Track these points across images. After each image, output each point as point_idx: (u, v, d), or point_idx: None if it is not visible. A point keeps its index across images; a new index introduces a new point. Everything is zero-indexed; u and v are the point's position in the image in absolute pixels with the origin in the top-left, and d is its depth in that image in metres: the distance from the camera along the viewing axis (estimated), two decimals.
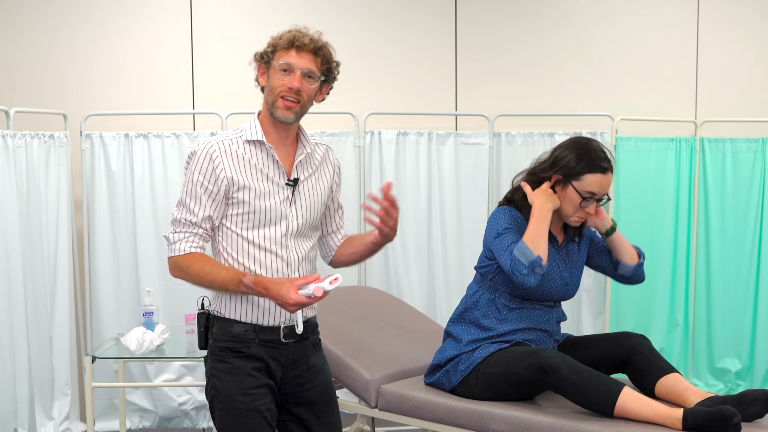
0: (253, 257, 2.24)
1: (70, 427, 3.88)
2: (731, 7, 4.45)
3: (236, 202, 2.22)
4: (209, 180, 2.20)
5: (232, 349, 2.25)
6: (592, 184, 2.65)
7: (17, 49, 4.07)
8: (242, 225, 2.23)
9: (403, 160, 4.15)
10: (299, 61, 2.23)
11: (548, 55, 4.36)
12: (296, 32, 2.26)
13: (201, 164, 2.21)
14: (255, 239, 2.24)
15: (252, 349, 2.25)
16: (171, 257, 2.25)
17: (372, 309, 3.40)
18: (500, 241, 2.66)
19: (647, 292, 4.29)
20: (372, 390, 2.91)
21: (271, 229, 2.25)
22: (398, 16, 4.27)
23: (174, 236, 2.24)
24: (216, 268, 2.20)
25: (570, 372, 2.48)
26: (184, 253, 2.23)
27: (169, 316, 3.94)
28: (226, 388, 2.24)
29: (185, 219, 2.22)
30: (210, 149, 2.23)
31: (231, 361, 2.25)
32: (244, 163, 2.23)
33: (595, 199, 2.67)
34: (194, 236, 2.23)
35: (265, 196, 2.23)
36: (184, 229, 2.23)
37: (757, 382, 4.36)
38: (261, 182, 2.23)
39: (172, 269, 2.27)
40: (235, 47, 4.17)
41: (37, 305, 3.72)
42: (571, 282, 2.79)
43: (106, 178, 3.96)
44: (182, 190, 2.24)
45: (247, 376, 2.24)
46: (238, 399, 2.23)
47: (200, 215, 2.21)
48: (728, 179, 4.32)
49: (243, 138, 2.27)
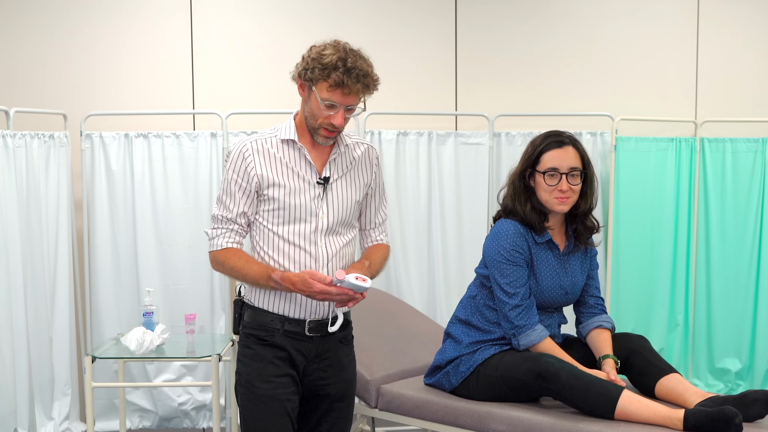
0: (283, 252, 2.33)
1: (70, 427, 3.88)
2: (731, 7, 4.44)
3: (267, 199, 2.32)
4: (242, 177, 2.31)
5: (257, 337, 2.35)
6: (550, 160, 2.66)
7: (17, 49, 4.07)
8: (273, 221, 2.32)
9: (403, 160, 4.15)
10: (344, 100, 2.25)
11: (548, 54, 4.36)
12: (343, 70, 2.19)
13: (235, 163, 2.32)
14: (285, 235, 2.32)
15: (276, 339, 2.34)
16: (211, 252, 2.37)
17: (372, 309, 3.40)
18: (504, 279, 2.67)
19: (647, 292, 4.29)
20: (372, 390, 2.91)
21: (301, 226, 2.33)
22: (398, 16, 4.26)
23: (213, 232, 2.36)
24: (249, 263, 2.31)
25: (569, 377, 2.48)
26: (222, 248, 2.34)
27: (169, 316, 3.94)
28: (248, 373, 2.35)
29: (222, 215, 2.34)
30: (243, 148, 2.32)
31: (255, 347, 2.35)
32: (276, 161, 2.32)
33: (561, 174, 2.64)
34: (231, 232, 2.34)
35: (295, 193, 2.31)
36: (222, 225, 2.35)
37: (757, 382, 4.36)
38: (292, 180, 2.32)
39: (212, 263, 2.39)
40: (235, 47, 4.17)
41: (37, 305, 3.72)
42: (571, 291, 2.77)
43: (106, 178, 3.96)
44: (220, 188, 2.36)
45: (269, 364, 2.33)
46: (258, 385, 2.32)
47: (235, 211, 2.32)
48: (728, 179, 4.32)
49: (278, 137, 2.35)
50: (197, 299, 4.02)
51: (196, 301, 4.01)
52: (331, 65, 2.20)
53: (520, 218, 2.70)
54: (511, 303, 2.65)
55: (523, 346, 2.66)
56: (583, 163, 2.69)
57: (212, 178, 4.01)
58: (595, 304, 2.83)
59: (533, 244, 2.70)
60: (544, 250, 2.72)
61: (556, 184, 2.64)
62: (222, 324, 4.04)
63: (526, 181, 2.72)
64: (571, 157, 2.66)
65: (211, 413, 4.05)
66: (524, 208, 2.70)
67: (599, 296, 2.85)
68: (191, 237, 4.00)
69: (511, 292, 2.65)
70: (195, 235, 4.00)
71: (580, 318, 2.84)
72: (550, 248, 2.73)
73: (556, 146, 2.67)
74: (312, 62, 2.23)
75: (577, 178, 2.67)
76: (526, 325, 2.64)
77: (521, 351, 2.67)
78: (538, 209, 2.70)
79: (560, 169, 2.65)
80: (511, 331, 2.67)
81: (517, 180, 2.74)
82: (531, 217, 2.68)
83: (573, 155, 2.66)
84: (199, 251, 4.01)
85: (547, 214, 2.71)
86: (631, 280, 4.26)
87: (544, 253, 2.72)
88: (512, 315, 2.65)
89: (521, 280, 2.67)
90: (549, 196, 2.66)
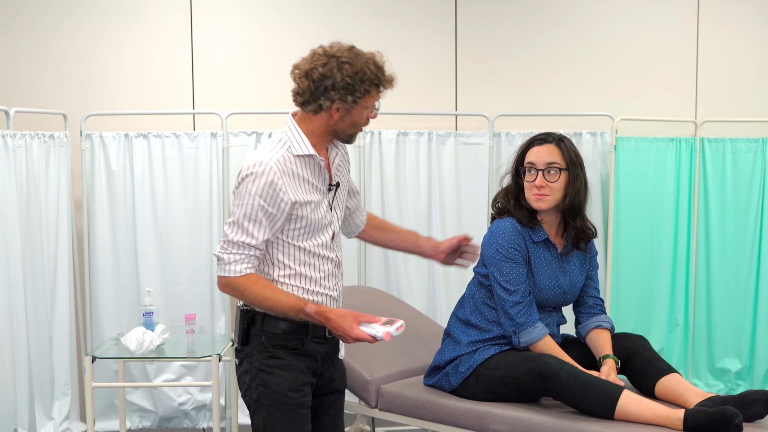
0: (309, 264, 2.33)
1: (70, 427, 3.88)
2: (731, 7, 4.44)
3: (296, 218, 2.27)
4: (270, 204, 2.22)
5: (287, 347, 2.32)
6: (529, 156, 2.71)
7: (17, 49, 4.07)
8: (300, 237, 2.30)
9: (403, 160, 4.15)
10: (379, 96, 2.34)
11: (548, 55, 4.36)
12: (381, 72, 2.30)
13: (262, 188, 2.21)
14: (311, 248, 2.32)
15: (306, 346, 2.33)
16: (225, 276, 2.26)
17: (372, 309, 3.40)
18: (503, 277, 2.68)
19: (647, 292, 4.29)
20: (372, 390, 2.91)
21: (322, 236, 2.34)
22: (398, 16, 4.26)
23: (229, 257, 2.25)
24: (276, 293, 2.26)
25: (569, 377, 2.48)
26: (240, 275, 2.25)
27: (169, 316, 3.94)
28: (280, 384, 2.30)
29: (243, 242, 2.24)
30: (270, 174, 2.21)
31: (287, 357, 2.31)
32: (299, 180, 2.27)
33: (538, 170, 2.67)
34: (251, 258, 2.26)
35: (317, 207, 2.31)
36: (241, 251, 2.25)
37: (757, 382, 4.36)
38: (314, 195, 2.30)
39: (223, 287, 2.29)
40: (235, 47, 4.17)
41: (37, 305, 3.72)
42: (569, 291, 2.77)
43: (106, 178, 3.96)
44: (238, 211, 2.23)
45: (300, 373, 2.33)
46: (290, 395, 2.30)
47: (260, 238, 2.24)
48: (728, 179, 4.31)
49: (293, 153, 2.27)
50: (197, 299, 4.02)
51: (196, 301, 4.01)
52: (373, 75, 2.26)
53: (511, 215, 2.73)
54: (512, 300, 2.65)
55: (523, 344, 2.66)
56: (567, 161, 2.68)
57: (212, 178, 4.01)
58: (594, 304, 2.83)
59: (530, 243, 2.70)
60: (542, 249, 2.73)
61: (533, 180, 2.68)
62: (222, 324, 4.04)
63: (519, 179, 2.75)
64: (548, 153, 2.68)
65: (211, 413, 4.06)
66: (509, 204, 2.74)
67: (599, 297, 2.85)
68: (191, 237, 4.00)
69: (511, 289, 2.66)
70: (195, 235, 4.00)
71: (579, 318, 2.84)
72: (547, 247, 2.74)
73: (538, 143, 2.72)
74: (356, 84, 2.24)
75: (556, 175, 2.66)
76: (527, 322, 2.65)
77: (521, 351, 2.67)
78: (525, 206, 2.73)
79: (536, 165, 2.68)
80: (511, 329, 2.67)
81: (510, 179, 2.80)
82: (517, 213, 2.72)
83: (552, 151, 2.68)
84: (199, 251, 4.01)
85: (536, 212, 2.73)
86: (631, 280, 4.26)
87: (542, 252, 2.72)
88: (513, 312, 2.65)
89: (521, 278, 2.67)
90: (529, 193, 2.70)
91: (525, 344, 2.66)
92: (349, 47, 2.28)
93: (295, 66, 2.31)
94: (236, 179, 2.27)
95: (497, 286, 2.69)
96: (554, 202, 2.68)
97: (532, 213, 2.72)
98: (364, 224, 2.68)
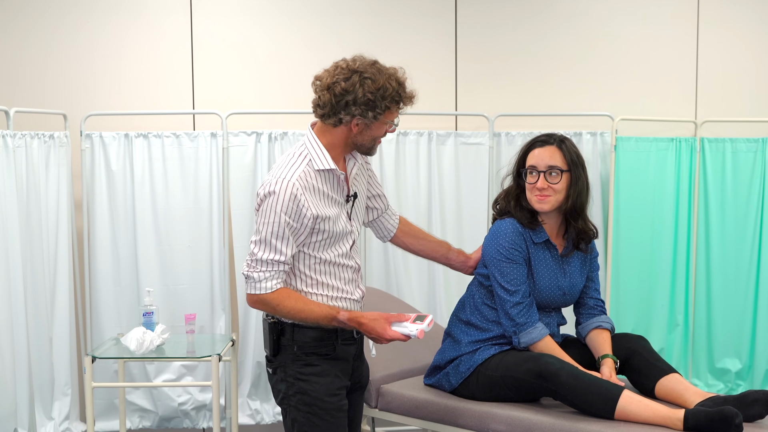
0: (329, 273, 2.37)
1: (70, 427, 3.88)
2: (731, 7, 4.44)
3: (318, 231, 2.30)
4: (296, 220, 2.25)
5: (319, 354, 2.35)
6: (531, 158, 2.71)
7: (17, 49, 4.07)
8: (320, 249, 2.33)
9: (403, 160, 4.15)
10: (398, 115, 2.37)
11: (548, 54, 4.35)
12: (403, 89, 2.34)
13: (287, 205, 2.23)
14: (330, 258, 2.35)
15: (338, 351, 2.37)
16: (256, 294, 2.29)
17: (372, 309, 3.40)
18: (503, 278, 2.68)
19: (647, 292, 4.29)
20: (372, 390, 2.91)
21: (341, 246, 2.37)
22: (398, 16, 4.26)
23: (259, 275, 2.28)
24: (308, 305, 2.30)
25: (569, 377, 2.48)
26: (272, 291, 2.29)
27: (169, 316, 3.94)
28: (316, 390, 2.34)
29: (272, 259, 2.27)
30: (294, 190, 2.24)
31: (320, 364, 2.35)
32: (321, 195, 2.30)
33: (539, 172, 2.67)
34: (280, 273, 2.29)
35: (337, 220, 2.33)
36: (271, 268, 2.28)
37: (757, 382, 4.36)
38: (333, 208, 2.33)
39: (255, 303, 2.32)
40: (235, 47, 4.16)
41: (37, 305, 3.72)
42: (569, 292, 2.78)
43: (106, 178, 3.96)
44: (264, 229, 2.25)
45: (335, 378, 2.37)
46: (327, 399, 2.34)
47: (288, 254, 2.27)
48: (728, 179, 4.31)
49: (314, 167, 2.29)
50: (197, 299, 4.02)
51: (196, 301, 4.01)
52: (394, 92, 2.29)
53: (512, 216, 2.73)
54: (512, 300, 2.65)
55: (523, 344, 2.66)
56: (569, 163, 2.69)
57: (212, 178, 4.01)
58: (594, 305, 2.83)
59: (531, 244, 2.71)
60: (542, 250, 2.73)
61: (534, 182, 2.67)
62: (222, 324, 4.04)
63: (521, 180, 2.75)
64: (549, 155, 2.68)
65: (211, 413, 4.05)
66: (510, 205, 2.75)
67: (599, 298, 2.85)
68: (191, 237, 4.00)
69: (512, 289, 2.66)
70: (195, 235, 4.00)
71: (579, 319, 2.84)
72: (548, 249, 2.74)
73: (539, 145, 2.72)
74: (377, 101, 2.27)
75: (558, 177, 2.67)
76: (527, 322, 2.65)
77: (521, 351, 2.67)
78: (526, 208, 2.73)
79: (538, 167, 2.68)
80: (512, 329, 2.67)
81: (511, 180, 2.80)
82: (518, 214, 2.72)
83: (553, 154, 2.68)
84: (199, 251, 4.01)
85: (537, 213, 2.73)
86: (631, 280, 4.26)
87: (542, 254, 2.72)
88: (513, 312, 2.65)
89: (521, 278, 2.67)
90: (531, 195, 2.70)
91: (525, 345, 2.66)
92: (372, 62, 2.30)
93: (317, 77, 2.33)
94: (257, 197, 2.29)
95: (498, 287, 2.69)
96: (556, 204, 2.69)
97: (533, 214, 2.73)
98: (396, 228, 2.74)
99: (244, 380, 4.06)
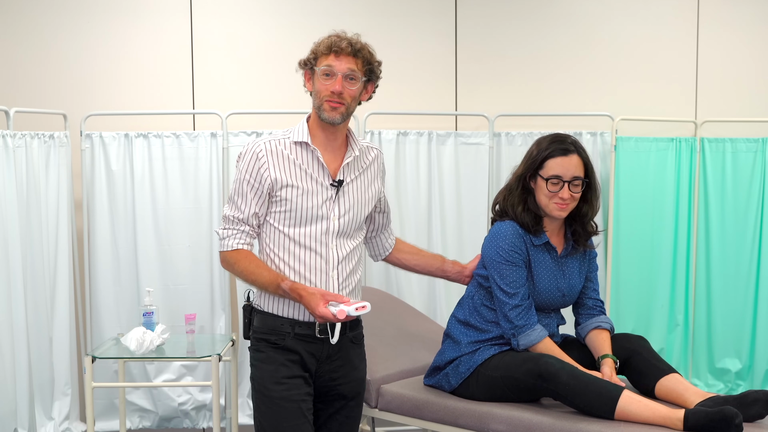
0: (294, 254, 2.36)
1: (70, 427, 3.88)
2: (731, 7, 4.44)
3: (279, 200, 2.33)
4: (254, 178, 2.33)
5: (268, 341, 2.38)
6: (555, 167, 2.65)
7: (17, 49, 4.07)
8: (284, 222, 2.35)
9: (403, 160, 4.15)
10: (339, 64, 2.33)
11: (548, 55, 4.36)
12: (335, 37, 2.35)
13: (248, 163, 2.34)
14: (296, 236, 2.35)
15: (287, 342, 2.37)
16: (221, 251, 2.41)
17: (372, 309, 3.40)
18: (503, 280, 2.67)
19: (647, 292, 4.29)
20: (372, 390, 2.91)
21: (312, 227, 2.36)
22: (398, 15, 4.26)
23: (224, 232, 2.38)
24: (259, 268, 2.33)
25: (569, 377, 2.48)
26: (232, 249, 2.37)
27: (169, 316, 3.94)
28: (261, 376, 2.37)
29: (233, 216, 2.36)
30: (257, 149, 2.34)
31: (266, 351, 2.38)
32: (289, 163, 2.34)
33: (564, 182, 2.64)
34: (242, 233, 2.36)
35: (308, 195, 2.34)
36: (233, 225, 2.37)
37: (757, 382, 4.36)
38: (304, 181, 2.34)
39: (222, 263, 2.43)
40: (235, 47, 4.17)
41: (37, 305, 3.72)
42: (568, 293, 2.77)
43: (106, 178, 3.96)
44: (231, 188, 2.38)
45: (280, 366, 2.36)
46: (271, 387, 2.35)
47: (246, 212, 2.34)
48: (728, 179, 4.32)
49: (291, 139, 2.37)
50: (197, 299, 4.02)
51: (196, 301, 4.01)
52: (325, 39, 2.35)
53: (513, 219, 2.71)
54: (511, 303, 2.65)
55: (522, 346, 2.66)
56: (587, 170, 2.69)
57: (212, 178, 4.01)
58: (593, 305, 2.83)
59: (530, 246, 2.70)
60: (542, 252, 2.72)
61: (557, 191, 2.65)
62: (222, 324, 4.04)
63: (526, 182, 2.72)
64: (574, 165, 2.66)
65: (211, 413, 4.06)
66: (516, 209, 2.71)
67: (598, 298, 2.85)
68: (191, 237, 4.00)
69: (511, 292, 2.66)
70: (195, 235, 4.00)
71: (578, 319, 2.84)
72: (547, 250, 2.73)
73: (561, 153, 2.66)
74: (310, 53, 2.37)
75: (579, 187, 2.67)
76: (526, 325, 2.65)
77: (521, 351, 2.67)
78: (532, 211, 2.70)
79: (563, 177, 2.65)
80: (510, 331, 2.67)
81: (516, 181, 2.75)
82: (523, 218, 2.69)
83: (577, 164, 2.66)
84: (199, 251, 4.01)
85: (542, 217, 2.71)
86: (631, 280, 4.26)
87: (542, 255, 2.72)
88: (512, 315, 2.65)
89: (520, 281, 2.67)
90: (549, 201, 2.67)
91: (524, 347, 2.66)
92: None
93: None
94: None
95: (497, 289, 2.68)
96: (571, 209, 2.70)
97: (538, 218, 2.71)
98: (392, 248, 2.75)
99: (244, 380, 4.06)
